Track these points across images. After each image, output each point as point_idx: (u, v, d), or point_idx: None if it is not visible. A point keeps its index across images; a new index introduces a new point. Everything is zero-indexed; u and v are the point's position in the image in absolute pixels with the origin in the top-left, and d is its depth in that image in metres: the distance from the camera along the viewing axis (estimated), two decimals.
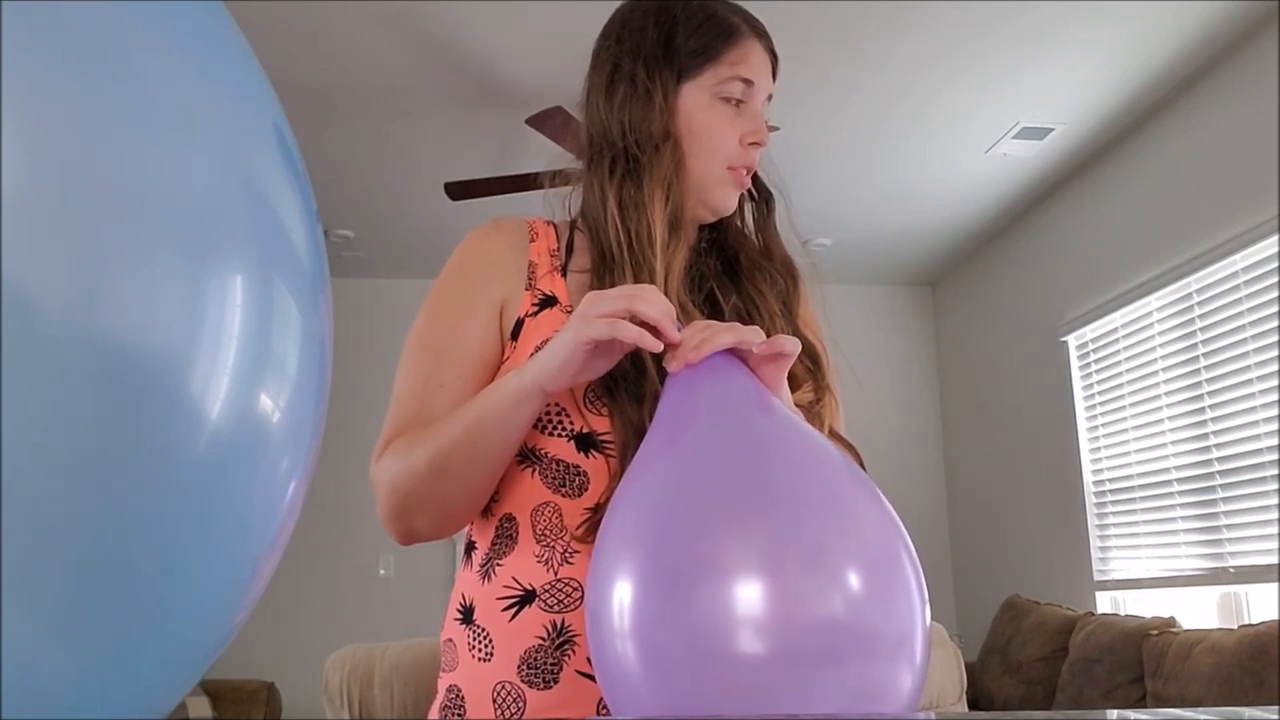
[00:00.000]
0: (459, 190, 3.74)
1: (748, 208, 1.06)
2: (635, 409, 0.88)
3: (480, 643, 0.90)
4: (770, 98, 1.01)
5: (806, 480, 0.65)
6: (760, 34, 1.00)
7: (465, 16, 3.18)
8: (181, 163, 0.55)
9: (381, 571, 5.27)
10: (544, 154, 1.14)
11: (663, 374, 0.82)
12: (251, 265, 0.58)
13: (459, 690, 0.91)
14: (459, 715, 0.90)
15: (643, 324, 0.77)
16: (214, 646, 0.63)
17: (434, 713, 0.95)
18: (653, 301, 0.78)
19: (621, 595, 0.62)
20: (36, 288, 0.47)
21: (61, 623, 0.50)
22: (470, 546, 0.97)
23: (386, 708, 1.42)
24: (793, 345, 0.78)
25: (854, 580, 0.59)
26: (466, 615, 0.93)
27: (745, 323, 0.97)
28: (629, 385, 0.88)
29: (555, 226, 1.03)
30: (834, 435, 0.97)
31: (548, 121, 3.27)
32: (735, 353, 0.78)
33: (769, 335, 0.78)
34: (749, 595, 0.58)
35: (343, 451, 3.63)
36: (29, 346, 0.46)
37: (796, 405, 0.89)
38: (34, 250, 0.47)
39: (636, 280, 0.91)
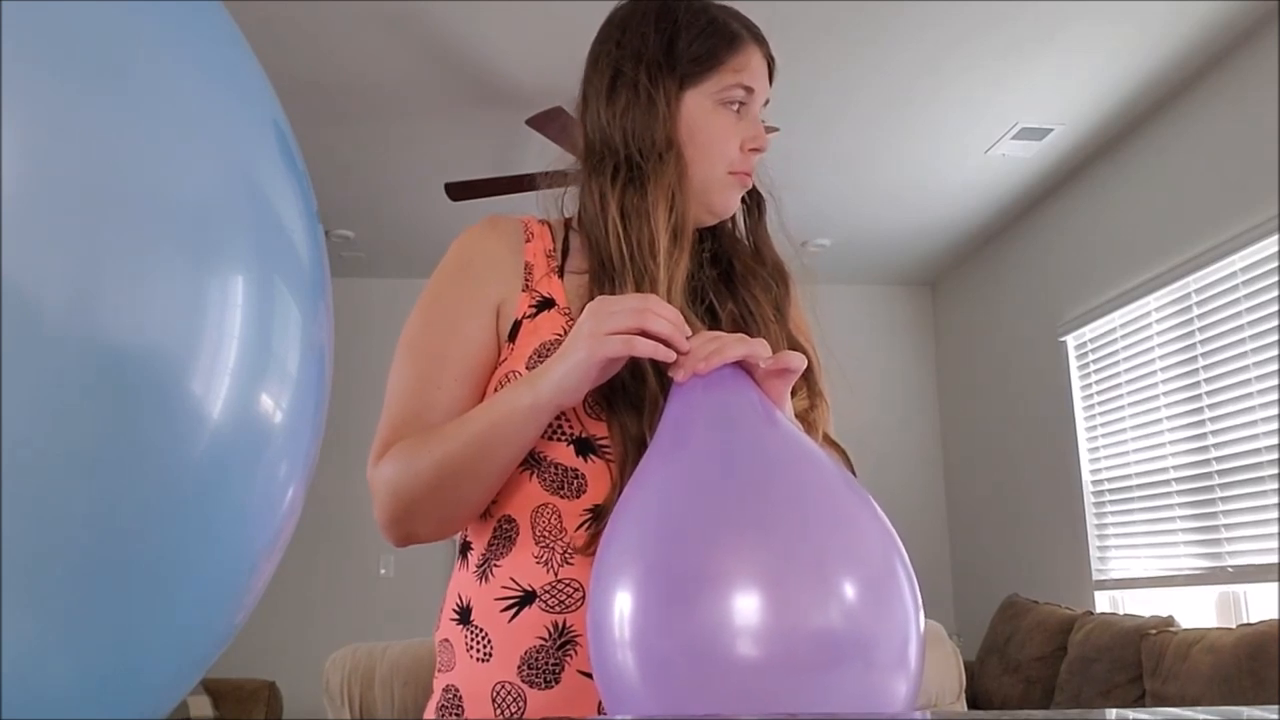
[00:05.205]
0: (459, 190, 3.74)
1: (739, 211, 1.06)
2: (634, 419, 0.88)
3: (478, 643, 0.90)
4: (767, 102, 1.01)
5: (809, 493, 0.65)
6: (760, 40, 1.00)
7: (465, 17, 3.18)
8: (181, 163, 0.55)
9: (382, 571, 5.27)
10: (544, 155, 1.13)
11: (663, 380, 0.82)
12: (251, 266, 0.58)
13: (457, 690, 0.91)
14: (457, 715, 0.90)
15: (653, 336, 0.78)
16: (215, 646, 0.63)
17: (430, 712, 0.95)
18: (663, 315, 0.78)
19: (623, 605, 0.62)
20: (36, 288, 0.47)
21: (62, 622, 0.50)
22: (466, 547, 0.96)
23: (387, 707, 1.42)
24: (799, 362, 0.78)
25: (854, 592, 0.60)
26: (463, 615, 0.92)
27: (741, 330, 0.97)
28: (627, 394, 0.88)
29: (550, 226, 1.02)
30: (825, 439, 0.98)
31: (548, 122, 3.27)
32: (741, 365, 0.78)
33: (763, 341, 0.79)
34: (751, 606, 0.58)
35: (343, 451, 3.63)
36: (29, 346, 0.46)
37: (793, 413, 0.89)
38: (34, 250, 0.47)
39: (638, 289, 0.91)
